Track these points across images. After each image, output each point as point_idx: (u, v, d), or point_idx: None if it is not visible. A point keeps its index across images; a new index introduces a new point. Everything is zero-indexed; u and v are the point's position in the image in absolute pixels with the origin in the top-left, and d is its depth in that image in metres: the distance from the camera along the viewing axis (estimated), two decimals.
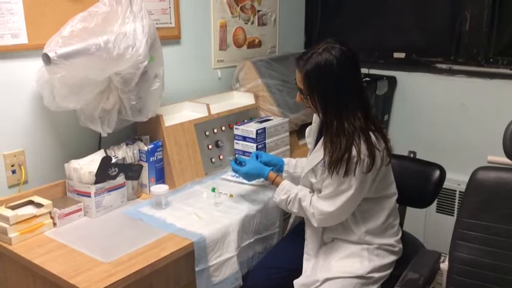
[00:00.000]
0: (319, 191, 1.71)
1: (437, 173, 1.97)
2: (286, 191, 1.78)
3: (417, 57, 2.82)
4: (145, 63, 1.76)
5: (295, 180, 1.91)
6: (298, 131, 2.55)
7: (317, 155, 1.72)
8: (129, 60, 1.71)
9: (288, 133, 2.42)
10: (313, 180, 1.74)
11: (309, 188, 1.79)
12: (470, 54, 2.63)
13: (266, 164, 1.93)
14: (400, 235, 1.80)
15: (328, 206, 1.65)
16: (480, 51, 2.60)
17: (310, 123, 1.93)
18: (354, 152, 1.56)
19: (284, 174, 1.95)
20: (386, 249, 1.73)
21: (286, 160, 1.99)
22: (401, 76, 2.90)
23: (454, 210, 2.70)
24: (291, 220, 2.04)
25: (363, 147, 1.57)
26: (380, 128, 1.65)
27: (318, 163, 1.70)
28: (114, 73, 1.75)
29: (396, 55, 2.89)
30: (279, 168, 1.96)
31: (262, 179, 1.91)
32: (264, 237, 1.95)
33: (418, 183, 1.99)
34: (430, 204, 2.06)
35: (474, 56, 2.62)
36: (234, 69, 2.61)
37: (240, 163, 1.93)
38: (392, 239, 1.75)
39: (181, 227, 1.70)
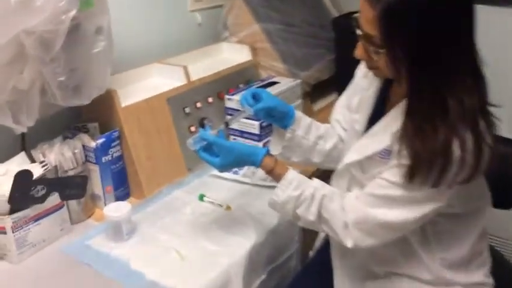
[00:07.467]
0: (362, 187, 1.14)
1: None
2: (297, 185, 1.17)
3: None
4: (74, 12, 1.17)
5: (297, 148, 1.34)
6: (312, 93, 1.99)
7: (375, 140, 1.15)
8: (42, 9, 1.12)
9: (300, 99, 1.88)
10: (358, 174, 1.18)
11: (344, 189, 1.22)
12: None
13: (269, 111, 1.30)
14: (489, 263, 1.25)
15: (382, 212, 1.08)
16: None
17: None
18: (457, 150, 0.98)
19: (288, 135, 1.34)
20: None
21: (297, 115, 1.35)
22: None
23: None
24: (322, 234, 1.47)
25: (469, 142, 0.99)
26: (489, 111, 1.06)
27: (377, 153, 1.13)
28: (24, 33, 1.15)
29: None
30: (285, 120, 1.33)
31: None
32: (281, 264, 1.42)
33: None
34: None
35: None
36: (219, 10, 2.07)
37: (210, 146, 1.24)
38: (481, 273, 1.21)
39: (153, 279, 1.14)
